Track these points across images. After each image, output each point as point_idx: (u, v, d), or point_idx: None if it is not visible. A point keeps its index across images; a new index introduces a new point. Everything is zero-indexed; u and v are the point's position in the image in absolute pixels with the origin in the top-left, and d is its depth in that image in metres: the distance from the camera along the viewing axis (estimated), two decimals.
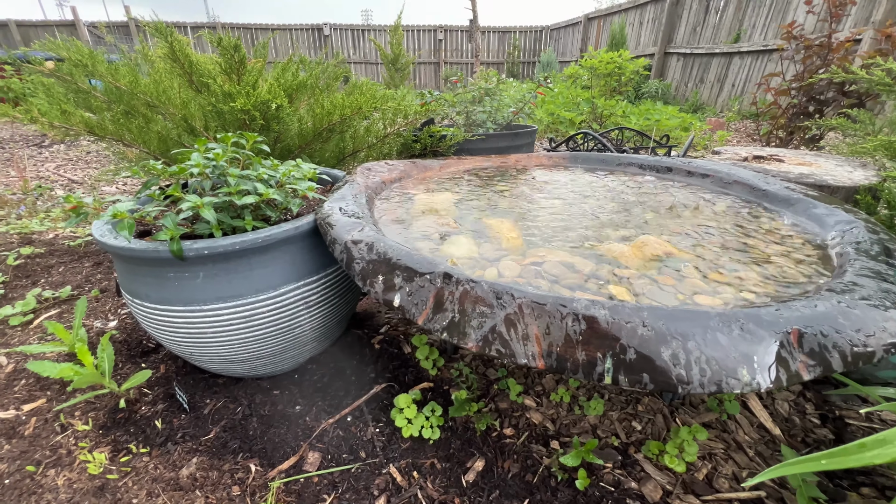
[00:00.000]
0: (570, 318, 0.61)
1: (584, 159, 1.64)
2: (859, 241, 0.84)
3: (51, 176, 3.39)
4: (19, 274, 1.59)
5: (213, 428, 0.98)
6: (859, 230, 0.89)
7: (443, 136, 1.74)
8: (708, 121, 5.78)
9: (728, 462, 0.87)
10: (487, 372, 1.12)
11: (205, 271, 0.89)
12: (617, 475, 0.84)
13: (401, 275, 0.74)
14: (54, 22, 11.58)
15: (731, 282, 0.76)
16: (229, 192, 0.90)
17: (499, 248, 0.89)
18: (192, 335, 0.94)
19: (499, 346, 0.64)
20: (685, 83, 7.93)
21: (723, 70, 7.09)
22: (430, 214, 1.09)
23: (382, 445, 0.93)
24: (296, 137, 1.63)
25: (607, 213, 1.12)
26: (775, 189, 1.18)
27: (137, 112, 1.56)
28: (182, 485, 0.84)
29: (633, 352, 0.58)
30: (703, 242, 0.92)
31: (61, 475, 0.86)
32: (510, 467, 0.87)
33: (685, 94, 7.84)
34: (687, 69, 7.85)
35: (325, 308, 1.06)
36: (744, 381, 0.55)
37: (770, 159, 1.56)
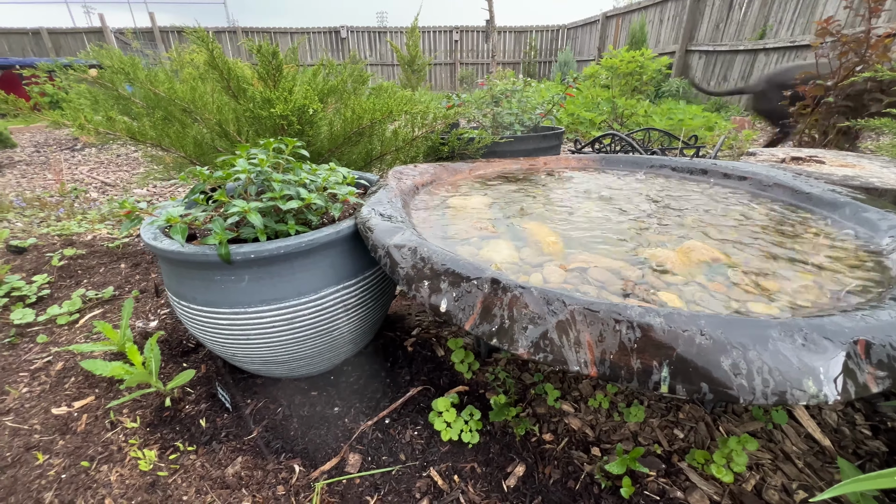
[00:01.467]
0: (624, 326, 0.61)
1: (614, 161, 1.62)
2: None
3: (85, 178, 3.51)
4: (63, 274, 1.66)
5: (255, 428, 1.00)
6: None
7: (470, 138, 1.75)
8: (733, 120, 5.65)
9: (777, 473, 0.85)
10: (523, 376, 1.12)
11: (250, 274, 0.91)
12: (661, 484, 0.83)
13: (446, 280, 0.74)
14: (83, 29, 11.99)
15: (783, 289, 0.74)
16: (273, 197, 0.91)
17: (540, 253, 0.88)
18: (236, 337, 0.97)
19: (549, 353, 0.63)
20: (707, 81, 7.76)
21: (747, 67, 6.92)
22: (465, 218, 1.09)
23: (422, 448, 0.93)
24: (326, 141, 1.65)
25: (644, 216, 1.10)
26: (819, 192, 1.14)
27: (174, 118, 1.60)
28: (229, 483, 0.86)
29: (691, 361, 0.57)
30: (749, 248, 0.90)
31: (114, 471, 0.89)
32: (551, 473, 0.86)
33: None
34: (709, 67, 7.68)
35: (361, 310, 1.08)
36: (810, 393, 0.53)
37: (809, 161, 1.51)
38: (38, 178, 3.52)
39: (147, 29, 11.83)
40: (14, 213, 2.49)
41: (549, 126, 2.05)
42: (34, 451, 0.94)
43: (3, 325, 1.36)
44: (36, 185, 3.31)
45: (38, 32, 11.69)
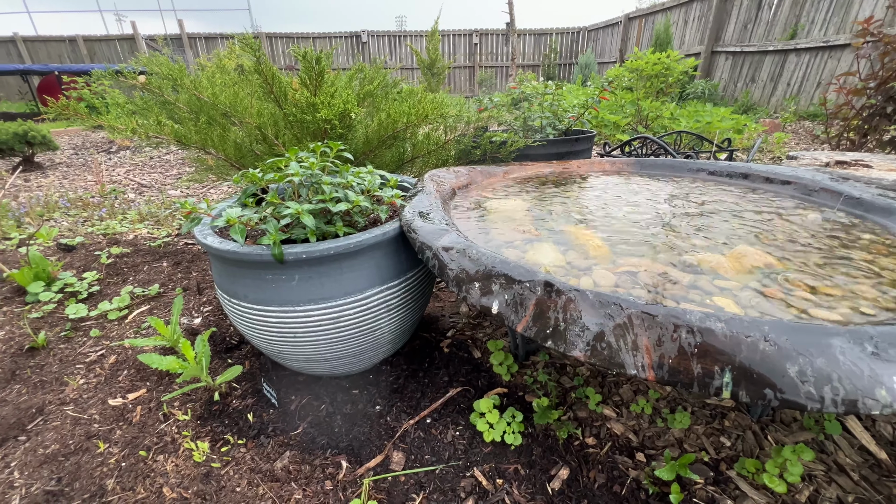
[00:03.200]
0: (683, 330, 0.61)
1: (649, 165, 1.60)
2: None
3: (122, 180, 3.65)
4: (111, 272, 1.73)
5: (300, 424, 1.02)
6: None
7: (502, 142, 1.76)
8: (762, 122, 5.51)
9: (831, 485, 0.83)
10: (562, 380, 1.12)
11: (300, 274, 0.93)
12: (710, 492, 0.82)
13: (498, 282, 0.75)
14: (116, 36, 12.47)
15: (844, 295, 0.73)
16: (323, 199, 0.94)
17: (586, 257, 0.89)
18: (284, 334, 0.99)
19: (606, 356, 0.64)
20: (734, 83, 7.60)
21: (777, 68, 6.75)
22: (505, 221, 1.10)
23: (464, 448, 0.95)
24: (361, 144, 1.69)
25: (686, 220, 1.09)
26: (870, 197, 1.11)
27: (216, 122, 1.66)
28: (278, 476, 0.89)
29: (755, 367, 0.56)
30: (803, 253, 0.89)
31: (169, 461, 0.93)
32: (596, 477, 0.86)
33: (734, 94, 7.51)
34: (736, 68, 7.52)
35: (402, 311, 1.09)
36: (883, 403, 0.52)
37: (856, 165, 1.47)
38: (78, 180, 3.68)
39: (176, 35, 12.23)
40: (60, 213, 2.61)
41: (579, 129, 2.04)
42: (95, 439, 0.98)
43: (59, 319, 1.43)
44: (77, 185, 3.46)
45: (75, 40, 12.22)
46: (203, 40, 12.47)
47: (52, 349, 1.30)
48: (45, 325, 1.41)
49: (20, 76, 9.91)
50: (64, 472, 0.91)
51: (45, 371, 1.21)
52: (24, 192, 3.26)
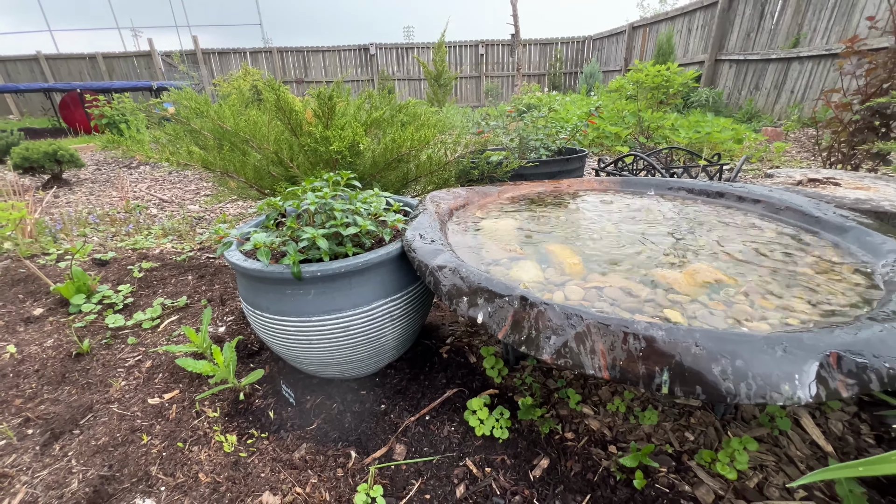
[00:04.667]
0: (631, 337, 0.74)
1: (633, 183, 1.73)
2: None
3: (144, 195, 3.86)
4: (142, 285, 1.90)
5: (315, 420, 1.17)
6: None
7: (498, 162, 1.90)
8: (764, 131, 5.58)
9: (779, 473, 0.94)
10: (547, 382, 1.24)
11: (315, 289, 1.08)
12: (671, 479, 0.94)
13: (482, 296, 0.89)
14: (133, 53, 12.94)
15: (778, 307, 0.85)
16: (335, 225, 1.09)
17: (562, 274, 1.02)
18: (301, 342, 1.14)
19: (570, 359, 0.77)
20: (738, 91, 7.68)
21: (780, 76, 6.82)
22: (496, 240, 1.24)
23: (458, 442, 1.08)
24: (369, 167, 1.84)
25: (659, 238, 1.22)
26: (828, 216, 1.23)
27: (237, 147, 1.83)
28: (296, 464, 1.03)
29: (688, 367, 0.69)
30: (753, 269, 1.01)
31: (203, 451, 1.07)
32: (572, 466, 0.99)
33: (738, 101, 7.58)
34: (740, 76, 7.61)
35: (404, 320, 1.23)
36: (786, 395, 0.65)
37: (826, 182, 1.58)
38: (104, 196, 3.90)
39: (190, 51, 12.65)
40: (90, 229, 2.80)
41: (572, 149, 2.18)
42: (138, 433, 1.13)
43: (100, 328, 1.60)
44: (103, 201, 3.68)
45: (94, 57, 12.71)
46: (217, 55, 12.88)
47: (95, 355, 1.46)
48: (88, 333, 1.58)
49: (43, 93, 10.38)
50: (114, 460, 1.06)
51: (90, 374, 1.37)
52: (55, 208, 3.48)
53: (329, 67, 13.24)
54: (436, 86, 10.11)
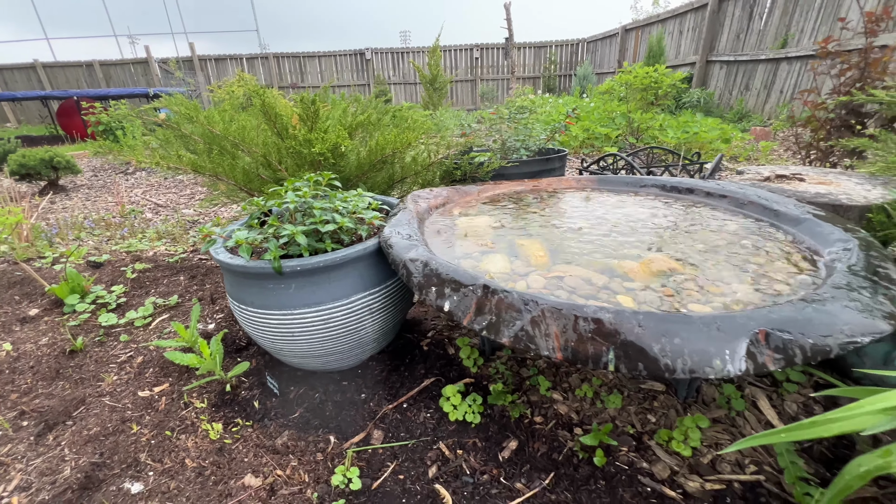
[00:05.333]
0: (581, 320, 0.79)
1: (609, 181, 1.79)
2: (849, 258, 0.96)
3: (140, 200, 3.92)
4: (135, 285, 1.95)
5: (297, 409, 1.22)
6: (853, 248, 1.00)
7: (480, 163, 1.96)
8: (753, 131, 5.65)
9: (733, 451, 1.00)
10: (521, 371, 1.30)
11: (296, 283, 1.14)
12: (631, 457, 1.00)
13: (449, 286, 0.95)
14: (130, 60, 13.01)
15: (723, 293, 0.91)
16: (314, 222, 1.15)
17: (528, 265, 1.08)
18: (283, 334, 1.19)
19: (526, 342, 0.82)
20: (729, 91, 7.77)
21: (769, 76, 6.91)
22: (471, 236, 1.30)
23: (433, 427, 1.13)
24: (354, 168, 1.90)
25: (626, 232, 1.28)
26: (786, 209, 1.29)
27: (226, 151, 1.89)
28: (278, 450, 1.08)
29: (631, 346, 0.75)
30: (709, 259, 1.07)
31: (190, 439, 1.13)
32: (539, 447, 1.04)
33: (729, 102, 7.67)
34: (731, 77, 7.70)
35: (383, 313, 1.29)
36: (717, 370, 0.71)
37: (792, 178, 1.65)
38: (100, 201, 3.96)
39: (187, 58, 12.73)
40: (85, 233, 2.86)
41: (553, 148, 2.24)
42: (128, 423, 1.19)
43: (93, 326, 1.65)
44: (99, 206, 3.74)
45: (91, 65, 12.78)
46: (213, 62, 12.96)
47: (88, 352, 1.51)
48: (81, 331, 1.63)
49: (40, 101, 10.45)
50: (105, 448, 1.11)
51: (83, 370, 1.43)
52: (52, 213, 3.53)
53: (325, 72, 13.34)
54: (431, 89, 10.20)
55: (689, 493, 0.91)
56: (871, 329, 0.74)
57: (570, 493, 0.93)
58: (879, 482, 0.91)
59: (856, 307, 0.77)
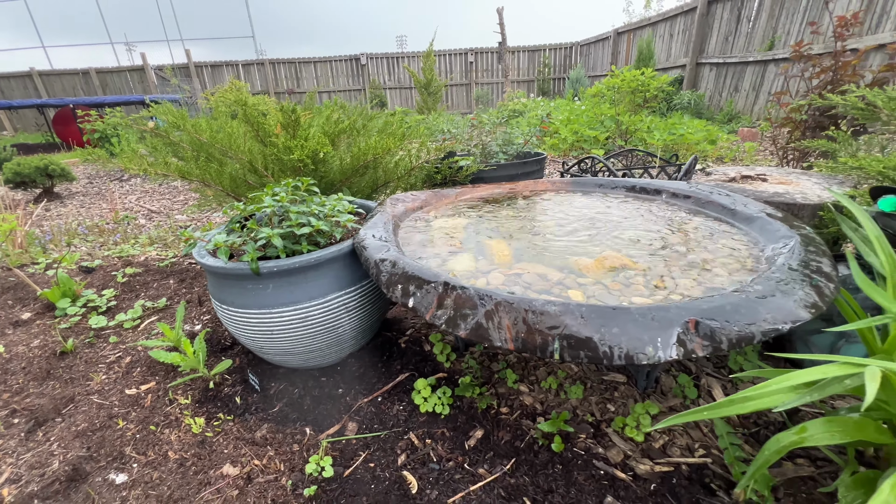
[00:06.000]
0: (530, 313, 0.86)
1: (582, 183, 1.86)
2: (787, 253, 1.02)
3: (134, 207, 3.98)
4: (126, 289, 2.01)
5: (277, 404, 1.28)
6: (793, 244, 1.07)
7: (460, 166, 2.03)
8: (740, 132, 5.74)
9: (684, 436, 1.06)
10: (492, 365, 1.36)
11: (273, 283, 1.20)
12: (588, 443, 1.06)
13: (413, 283, 1.01)
14: (126, 68, 13.09)
15: (668, 287, 0.97)
16: (291, 225, 1.21)
17: (492, 263, 1.14)
18: (263, 332, 1.25)
19: (481, 333, 0.89)
20: (719, 93, 7.87)
21: (758, 78, 7.01)
22: (442, 237, 1.36)
23: (405, 419, 1.19)
24: (337, 173, 1.97)
25: (590, 232, 1.34)
26: (741, 208, 1.36)
27: (214, 158, 1.95)
28: (257, 441, 1.14)
29: (574, 336, 0.81)
30: (661, 256, 1.13)
31: (173, 433, 1.18)
32: (503, 436, 1.10)
33: (719, 103, 7.77)
34: (720, 78, 7.80)
35: (360, 312, 1.35)
36: (649, 356, 0.77)
37: (756, 179, 1.71)
38: (94, 208, 4.01)
39: (183, 65, 12.82)
40: (79, 239, 2.91)
41: (532, 152, 2.31)
42: (115, 419, 1.24)
43: (84, 328, 1.71)
44: (93, 213, 3.79)
45: (87, 72, 12.85)
46: (209, 68, 13.04)
47: (78, 353, 1.57)
48: (72, 333, 1.68)
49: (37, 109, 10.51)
50: (92, 443, 1.17)
51: (73, 370, 1.48)
52: (46, 220, 3.59)
53: (321, 78, 13.43)
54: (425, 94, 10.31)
55: (638, 476, 0.97)
56: (791, 317, 0.80)
57: (528, 477, 0.99)
58: (817, 462, 0.97)
59: (780, 298, 0.83)
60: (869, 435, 0.73)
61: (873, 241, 0.92)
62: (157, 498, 1.00)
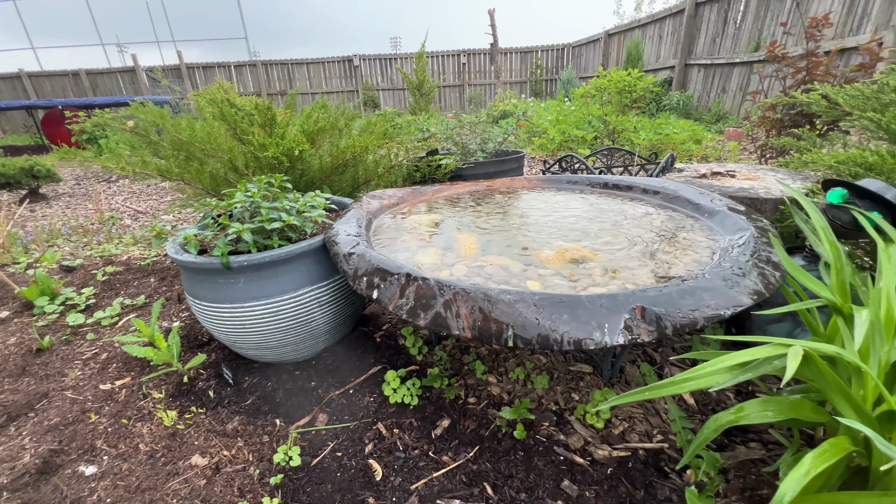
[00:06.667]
0: (486, 302, 0.88)
1: (557, 181, 1.89)
2: (740, 244, 1.06)
3: (120, 207, 3.97)
4: (106, 287, 2.01)
5: (250, 397, 1.29)
6: (748, 235, 1.10)
7: (439, 164, 2.05)
8: (726, 132, 5.81)
9: (643, 423, 1.09)
10: (463, 358, 1.38)
11: (245, 278, 1.22)
12: (551, 430, 1.08)
13: (378, 276, 1.03)
14: (117, 69, 13.01)
15: (623, 277, 1.00)
16: (262, 220, 1.23)
17: (458, 256, 1.17)
18: (235, 326, 1.27)
19: (440, 322, 0.91)
20: (707, 94, 7.96)
21: (744, 79, 7.10)
22: (414, 232, 1.39)
23: (374, 410, 1.21)
24: (317, 171, 1.99)
25: (558, 226, 1.37)
26: (705, 202, 1.39)
27: (194, 157, 1.96)
28: (228, 433, 1.16)
29: (527, 323, 0.84)
30: (622, 248, 1.16)
31: (145, 426, 1.20)
32: (469, 425, 1.13)
33: (708, 104, 7.86)
34: (708, 79, 7.89)
35: (333, 306, 1.37)
36: (597, 341, 0.80)
37: (725, 175, 1.75)
38: (80, 208, 4.00)
39: (175, 66, 12.76)
40: (62, 239, 2.91)
41: (510, 150, 2.34)
42: (88, 413, 1.25)
43: (61, 326, 1.71)
44: (79, 214, 3.78)
45: (78, 74, 12.75)
46: (201, 69, 12.99)
47: (55, 350, 1.58)
48: (49, 331, 1.69)
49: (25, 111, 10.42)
50: (64, 436, 1.18)
51: (49, 367, 1.49)
52: (31, 221, 3.57)
53: (314, 79, 13.43)
54: (418, 95, 10.33)
55: (597, 460, 1.00)
56: (732, 303, 0.83)
57: (490, 464, 1.01)
58: (769, 445, 1.01)
59: (725, 286, 0.87)
60: (804, 414, 0.76)
61: (819, 231, 0.96)
62: (126, 488, 1.01)
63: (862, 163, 1.13)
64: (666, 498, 0.91)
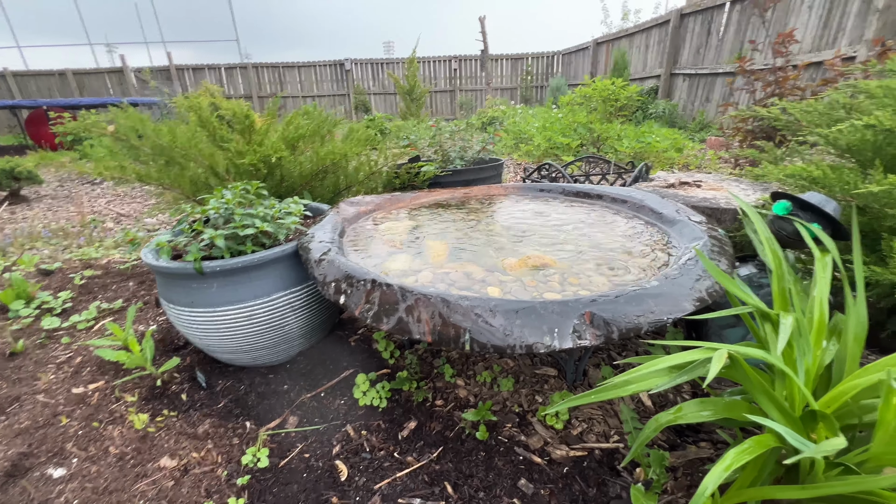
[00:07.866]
0: (445, 307, 0.92)
1: (532, 189, 1.94)
2: (692, 252, 1.11)
3: (103, 210, 3.94)
4: (83, 291, 2.01)
5: (222, 400, 1.31)
6: (704, 243, 1.16)
7: (418, 171, 2.09)
8: (709, 141, 5.94)
9: (602, 424, 1.13)
10: (434, 362, 1.42)
11: (218, 283, 1.24)
12: (513, 431, 1.12)
13: (345, 281, 1.07)
14: (105, 69, 12.87)
15: (580, 284, 1.05)
16: (235, 226, 1.26)
17: (426, 263, 1.20)
18: (209, 330, 1.29)
19: (402, 327, 0.95)
20: (692, 103, 8.13)
21: (726, 89, 7.26)
22: (386, 239, 1.42)
23: (345, 412, 1.24)
24: (297, 178, 2.01)
25: (526, 233, 1.42)
26: (668, 212, 1.45)
27: (175, 161, 1.98)
28: (199, 436, 1.17)
29: (483, 328, 0.88)
30: (583, 255, 1.21)
31: (116, 429, 1.21)
32: (435, 427, 1.16)
33: (692, 113, 8.02)
34: (693, 89, 8.06)
35: (307, 311, 1.40)
36: (546, 344, 0.84)
37: (693, 185, 1.82)
38: (62, 211, 3.96)
39: (164, 67, 12.67)
40: (42, 242, 2.89)
41: (488, 158, 2.39)
42: (59, 416, 1.26)
43: (36, 330, 1.71)
44: (60, 216, 3.75)
45: (64, 74, 12.60)
46: (191, 71, 12.91)
47: (28, 354, 1.58)
48: (23, 335, 1.69)
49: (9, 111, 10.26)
50: (34, 439, 1.19)
51: (22, 371, 1.49)
52: (10, 224, 3.53)
53: (305, 83, 13.42)
54: (408, 100, 10.38)
55: (554, 460, 1.04)
56: (676, 309, 0.88)
57: (452, 464, 1.05)
58: (717, 445, 1.06)
59: (670, 292, 0.91)
60: (738, 414, 0.81)
61: (764, 241, 1.01)
62: (93, 490, 1.03)
63: (807, 177, 1.19)
64: (616, 495, 0.95)
